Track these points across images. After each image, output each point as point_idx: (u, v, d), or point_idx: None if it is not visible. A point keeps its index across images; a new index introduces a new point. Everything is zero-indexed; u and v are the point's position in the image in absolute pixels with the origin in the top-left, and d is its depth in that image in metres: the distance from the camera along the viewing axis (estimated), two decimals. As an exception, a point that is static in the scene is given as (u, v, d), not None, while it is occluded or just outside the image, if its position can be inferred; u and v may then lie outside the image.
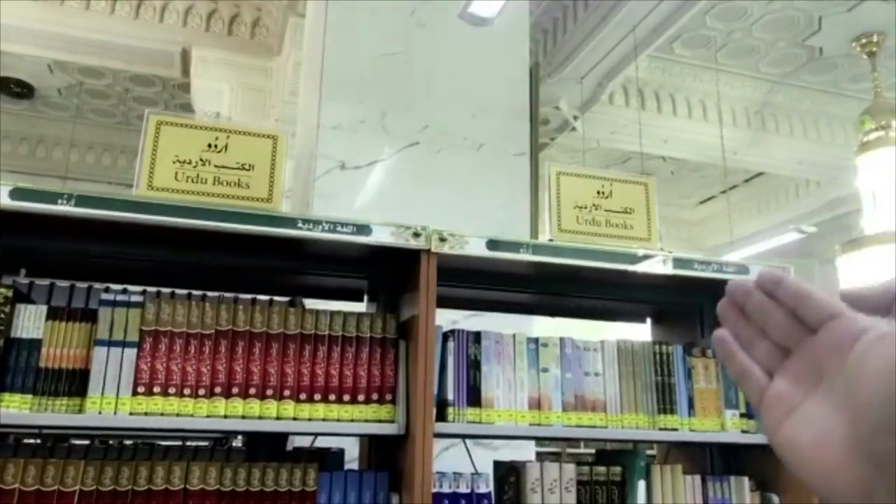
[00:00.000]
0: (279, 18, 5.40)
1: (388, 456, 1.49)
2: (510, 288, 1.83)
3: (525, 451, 2.40)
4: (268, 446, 1.51)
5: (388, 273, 1.67)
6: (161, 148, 1.35)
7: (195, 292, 1.60)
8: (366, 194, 2.59)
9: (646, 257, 1.54)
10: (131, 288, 1.52)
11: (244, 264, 1.63)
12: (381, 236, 1.42)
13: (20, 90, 6.43)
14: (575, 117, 5.67)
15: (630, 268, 1.53)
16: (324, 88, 2.66)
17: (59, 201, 1.24)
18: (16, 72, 6.20)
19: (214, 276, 1.71)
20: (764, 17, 5.12)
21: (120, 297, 1.33)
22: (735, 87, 5.87)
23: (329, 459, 1.48)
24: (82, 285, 1.52)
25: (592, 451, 5.61)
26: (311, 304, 1.83)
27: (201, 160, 1.37)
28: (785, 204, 7.34)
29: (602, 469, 1.49)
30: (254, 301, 1.55)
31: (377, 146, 2.66)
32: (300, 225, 1.38)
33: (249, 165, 1.40)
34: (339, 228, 1.40)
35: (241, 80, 5.63)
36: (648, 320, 2.04)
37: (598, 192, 1.59)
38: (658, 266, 1.57)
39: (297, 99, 4.94)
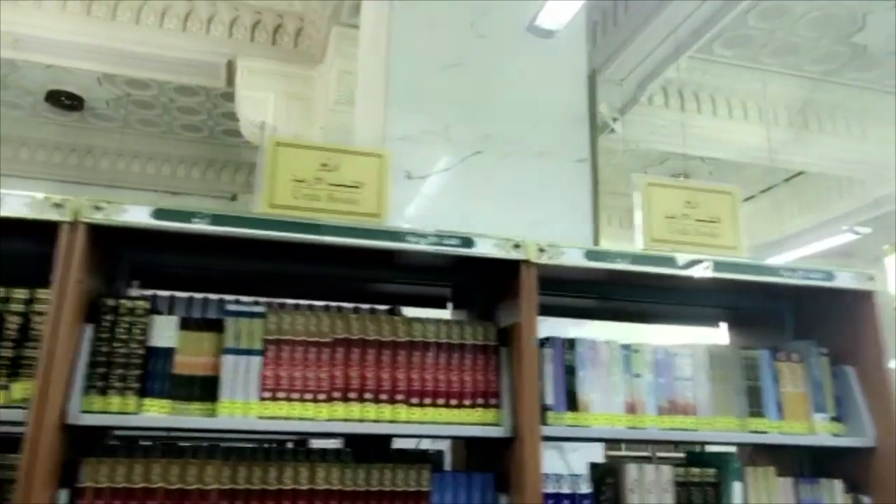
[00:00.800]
0: (322, 28, 5.49)
1: (487, 458, 1.56)
2: (581, 294, 1.88)
3: (595, 455, 2.44)
4: (372, 448, 1.59)
5: (475, 281, 1.74)
6: (279, 168, 1.44)
7: (302, 302, 1.68)
8: (433, 203, 2.67)
9: (739, 265, 1.59)
10: (242, 298, 1.61)
11: (342, 274, 1.72)
12: (485, 248, 1.48)
13: (70, 102, 6.64)
14: (615, 119, 5.67)
15: (725, 276, 1.58)
16: (389, 101, 2.75)
17: (194, 220, 1.33)
18: (66, 85, 6.41)
19: (312, 286, 1.80)
20: (807, 15, 5.08)
21: (244, 308, 1.42)
22: (777, 86, 5.82)
23: (432, 461, 1.55)
24: (198, 296, 1.61)
25: (645, 453, 5.64)
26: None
27: (316, 178, 1.45)
28: (827, 203, 7.25)
29: (696, 471, 1.54)
30: (356, 309, 1.63)
31: (442, 155, 2.74)
32: (409, 238, 1.45)
33: (359, 183, 1.48)
34: (444, 241, 1.47)
35: (285, 88, 5.73)
36: (722, 325, 2.08)
37: (687, 203, 1.64)
38: (744, 273, 1.62)
39: (341, 107, 5.02)
